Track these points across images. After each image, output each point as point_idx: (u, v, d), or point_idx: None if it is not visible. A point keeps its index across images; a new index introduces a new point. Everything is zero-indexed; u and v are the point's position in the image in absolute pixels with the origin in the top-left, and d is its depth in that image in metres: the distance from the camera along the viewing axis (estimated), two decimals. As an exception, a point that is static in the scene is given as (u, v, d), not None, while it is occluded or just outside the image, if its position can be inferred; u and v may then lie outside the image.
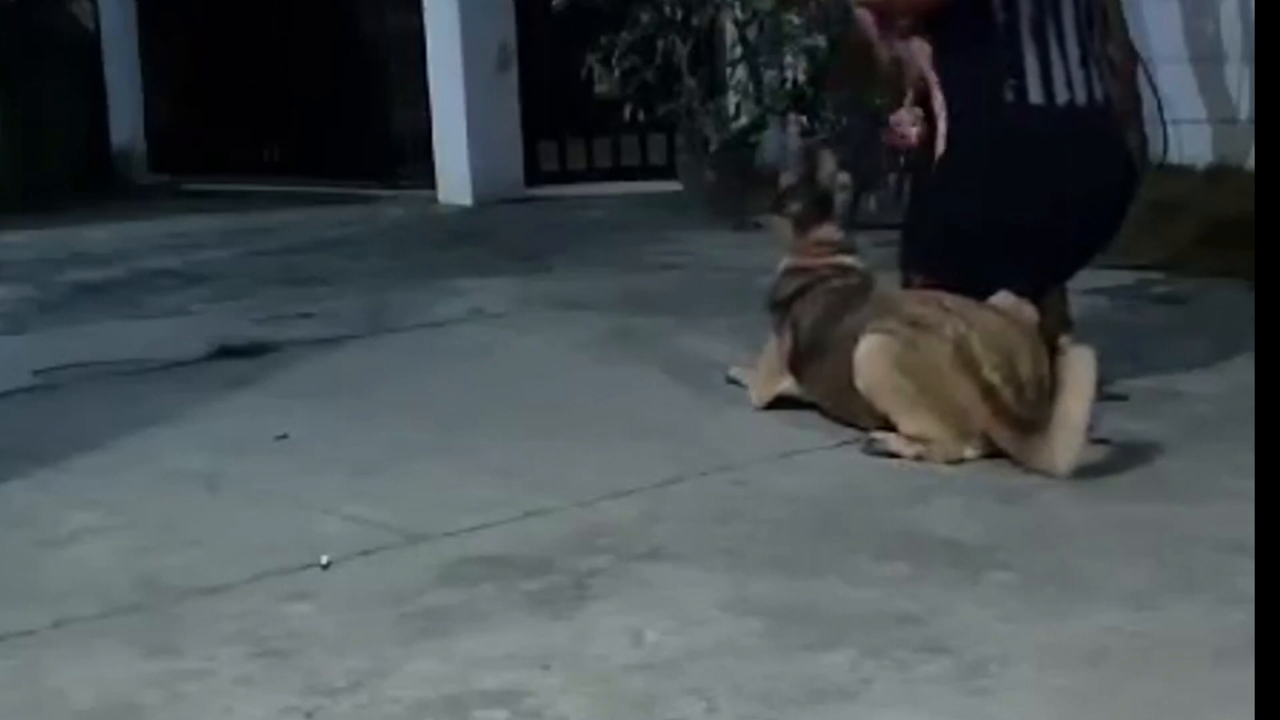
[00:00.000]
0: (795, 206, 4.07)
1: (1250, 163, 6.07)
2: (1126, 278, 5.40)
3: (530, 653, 2.55)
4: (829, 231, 4.05)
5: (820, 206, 4.04)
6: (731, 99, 8.06)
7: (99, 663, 2.60)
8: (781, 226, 4.11)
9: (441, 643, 2.62)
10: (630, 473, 3.51)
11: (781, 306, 4.02)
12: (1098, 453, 3.44)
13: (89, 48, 11.15)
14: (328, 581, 2.94)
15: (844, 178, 4.08)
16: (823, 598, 2.77)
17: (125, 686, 2.50)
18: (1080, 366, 3.31)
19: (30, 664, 2.62)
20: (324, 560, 3.01)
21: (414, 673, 2.51)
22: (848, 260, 4.03)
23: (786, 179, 4.17)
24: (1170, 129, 6.75)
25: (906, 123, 4.03)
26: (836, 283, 3.96)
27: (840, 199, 4.06)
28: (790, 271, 4.05)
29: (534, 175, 9.50)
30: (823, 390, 3.88)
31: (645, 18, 7.80)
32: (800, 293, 3.99)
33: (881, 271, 4.10)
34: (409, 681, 2.48)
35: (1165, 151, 6.73)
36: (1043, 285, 3.96)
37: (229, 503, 3.48)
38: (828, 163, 4.09)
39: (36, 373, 4.73)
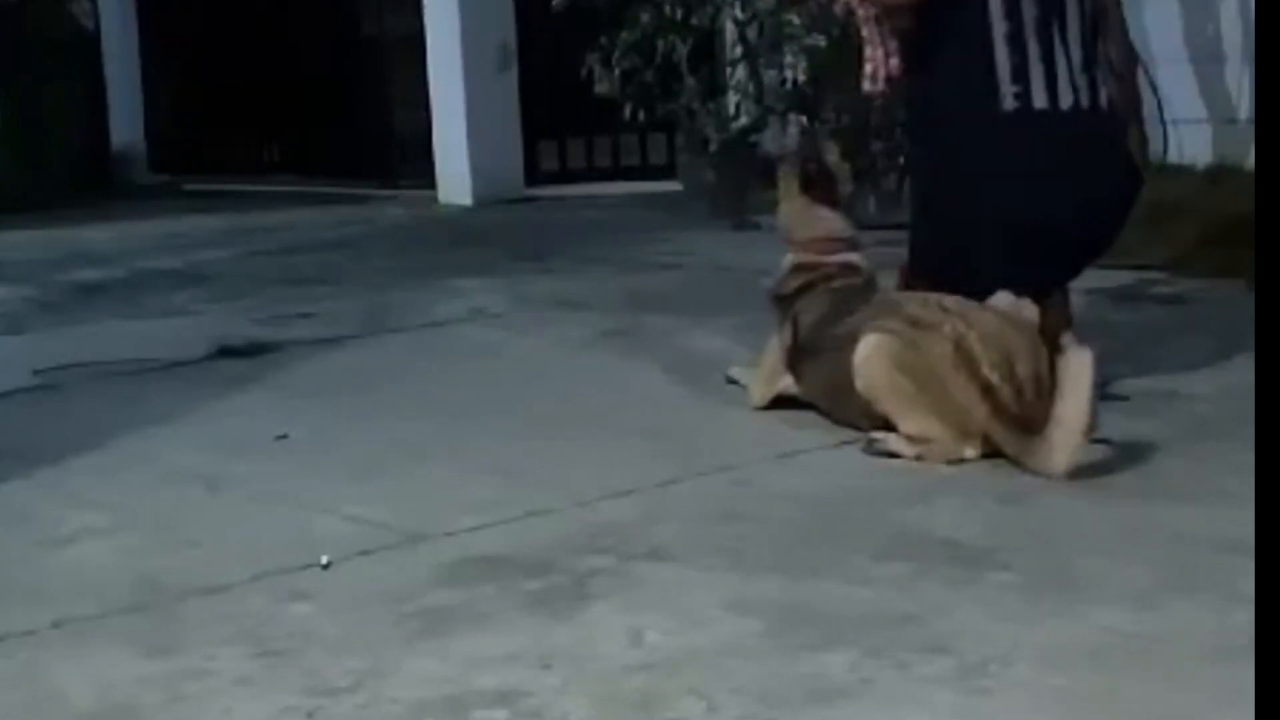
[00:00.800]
0: (813, 167, 4.06)
1: (1250, 163, 6.06)
2: (1126, 278, 5.40)
3: (530, 653, 2.55)
4: (837, 226, 4.04)
5: (826, 187, 4.05)
6: (731, 99, 8.06)
7: (99, 663, 2.60)
8: (789, 188, 4.08)
9: (441, 643, 2.62)
10: (630, 473, 3.51)
11: (785, 302, 4.02)
12: (1098, 453, 3.44)
13: (89, 48, 11.15)
14: (328, 581, 2.94)
15: (846, 169, 4.08)
16: (823, 598, 2.76)
17: (125, 686, 2.50)
18: (1078, 367, 3.31)
19: (30, 664, 2.62)
20: (324, 560, 3.01)
21: (414, 673, 2.51)
22: (854, 258, 4.02)
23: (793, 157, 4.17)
24: (1170, 129, 6.74)
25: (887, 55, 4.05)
26: (839, 283, 3.96)
27: (844, 190, 4.07)
28: (797, 268, 4.04)
29: (534, 175, 9.50)
30: (820, 390, 3.88)
31: (645, 18, 7.80)
32: (804, 290, 3.99)
33: (881, 271, 4.10)
34: (409, 681, 2.48)
35: (1165, 151, 6.72)
36: (1045, 286, 3.96)
37: (229, 503, 3.48)
38: (831, 151, 4.09)
39: (36, 373, 4.73)
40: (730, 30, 8.13)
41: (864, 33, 4.13)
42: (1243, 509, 2.83)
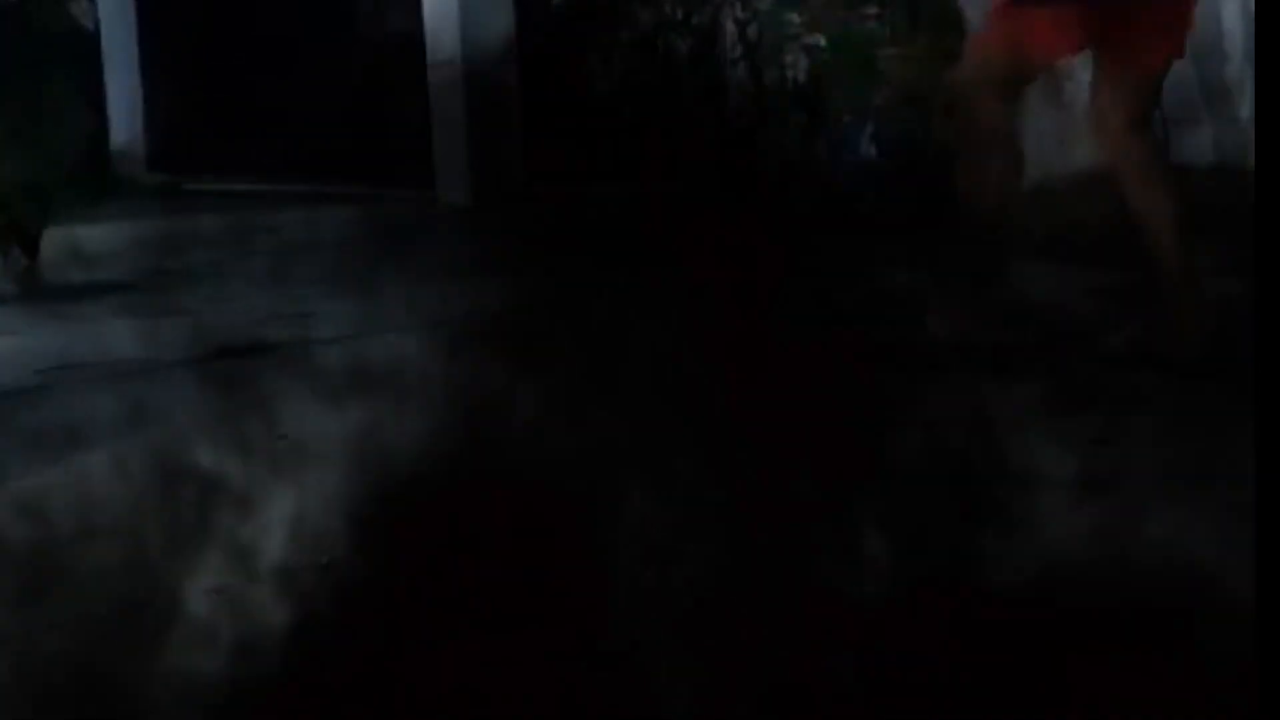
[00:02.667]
0: None
1: (1250, 163, 6.06)
2: (1127, 277, 5.38)
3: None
4: None
5: None
6: (731, 99, 8.05)
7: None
8: None
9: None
10: (630, 473, 3.51)
11: None
12: (1097, 452, 3.44)
13: (88, 47, 11.14)
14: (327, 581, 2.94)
15: None
16: (822, 598, 2.76)
17: (125, 686, 2.50)
18: None
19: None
20: (324, 561, 3.01)
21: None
22: None
23: None
24: (1170, 129, 6.74)
25: None
26: None
27: None
28: None
29: (534, 175, 9.49)
30: None
31: (645, 17, 7.80)
32: None
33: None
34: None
35: (1166, 152, 6.71)
36: None
37: (228, 502, 3.48)
38: None
39: (37, 372, 4.73)
40: (730, 30, 8.14)
41: None
42: (1242, 509, 2.83)
